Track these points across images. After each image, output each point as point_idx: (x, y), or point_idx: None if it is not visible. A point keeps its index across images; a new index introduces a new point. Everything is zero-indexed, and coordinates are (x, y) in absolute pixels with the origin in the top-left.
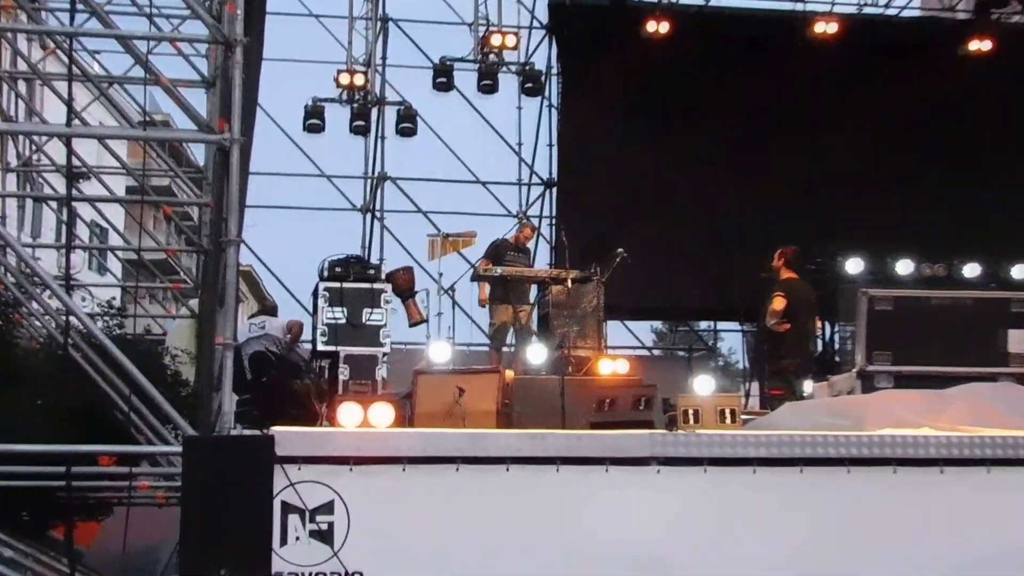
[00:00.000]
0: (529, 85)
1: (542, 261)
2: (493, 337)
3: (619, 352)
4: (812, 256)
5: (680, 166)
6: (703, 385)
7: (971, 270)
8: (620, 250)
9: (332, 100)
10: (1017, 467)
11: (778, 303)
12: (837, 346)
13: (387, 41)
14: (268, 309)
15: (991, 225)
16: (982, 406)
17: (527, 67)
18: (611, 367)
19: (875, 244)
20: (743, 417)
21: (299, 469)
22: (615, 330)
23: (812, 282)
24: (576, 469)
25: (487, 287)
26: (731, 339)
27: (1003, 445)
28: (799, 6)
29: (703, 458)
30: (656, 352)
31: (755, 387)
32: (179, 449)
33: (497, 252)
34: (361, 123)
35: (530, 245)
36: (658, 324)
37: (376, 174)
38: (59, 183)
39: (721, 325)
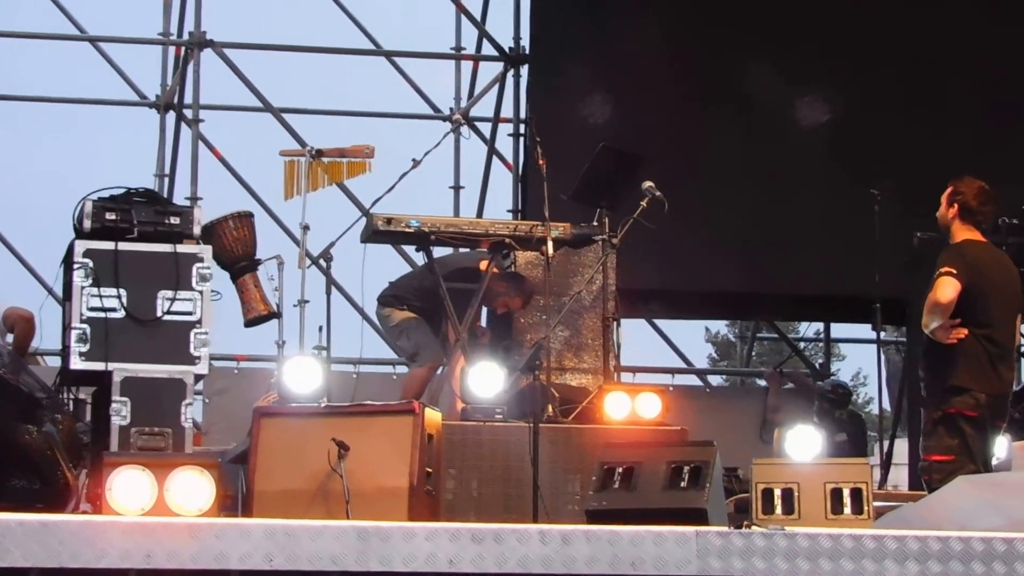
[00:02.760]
0: None
1: (498, 204)
2: (402, 348)
3: (645, 378)
4: (1016, 202)
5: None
6: (802, 442)
7: None
8: (649, 184)
9: None
10: None
11: (947, 288)
12: None
13: None
14: None
15: None
16: None
17: None
18: (628, 406)
19: None
20: (876, 505)
21: None
22: (639, 337)
23: (1015, 252)
24: None
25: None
26: (858, 356)
27: None
28: None
29: None
30: (716, 380)
31: (903, 447)
32: None
33: None
34: None
35: None
36: (721, 326)
37: (186, 37)
38: None
39: (840, 330)
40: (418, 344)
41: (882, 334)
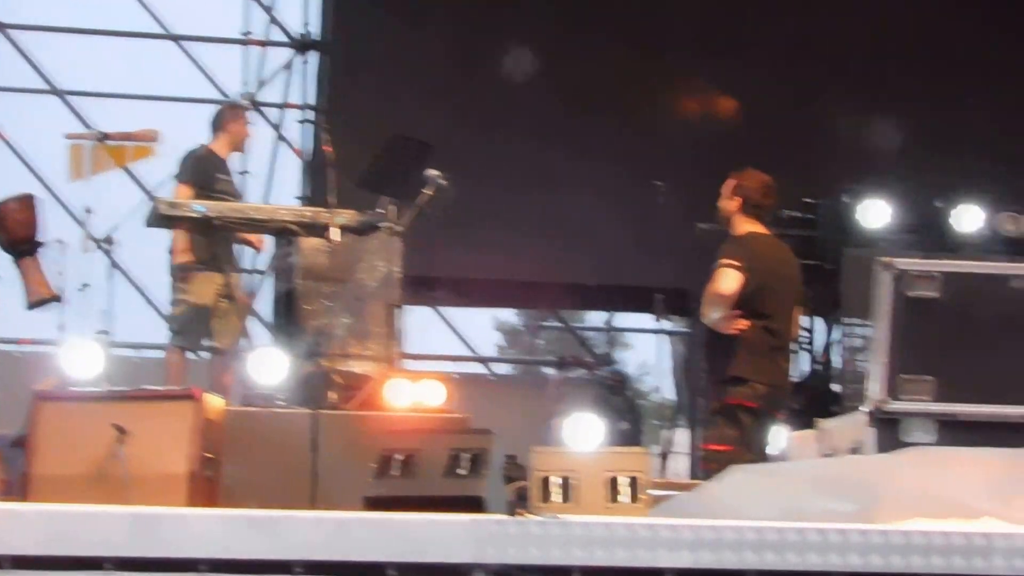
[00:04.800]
0: None
1: (285, 191)
2: (183, 331)
3: (428, 366)
4: (796, 195)
5: (551, 33)
6: (583, 431)
7: None
8: (435, 174)
9: None
10: None
11: (728, 280)
12: (838, 364)
13: None
14: None
15: None
16: None
17: None
18: (411, 394)
19: (911, 175)
20: (654, 493)
21: None
22: (427, 325)
23: (796, 244)
24: None
25: (184, 237)
26: (645, 345)
27: None
28: None
29: (574, 568)
30: (500, 368)
31: (684, 436)
32: None
33: (199, 171)
34: None
35: None
36: (509, 316)
37: None
38: None
39: (624, 320)
40: (182, 325)
41: (667, 324)
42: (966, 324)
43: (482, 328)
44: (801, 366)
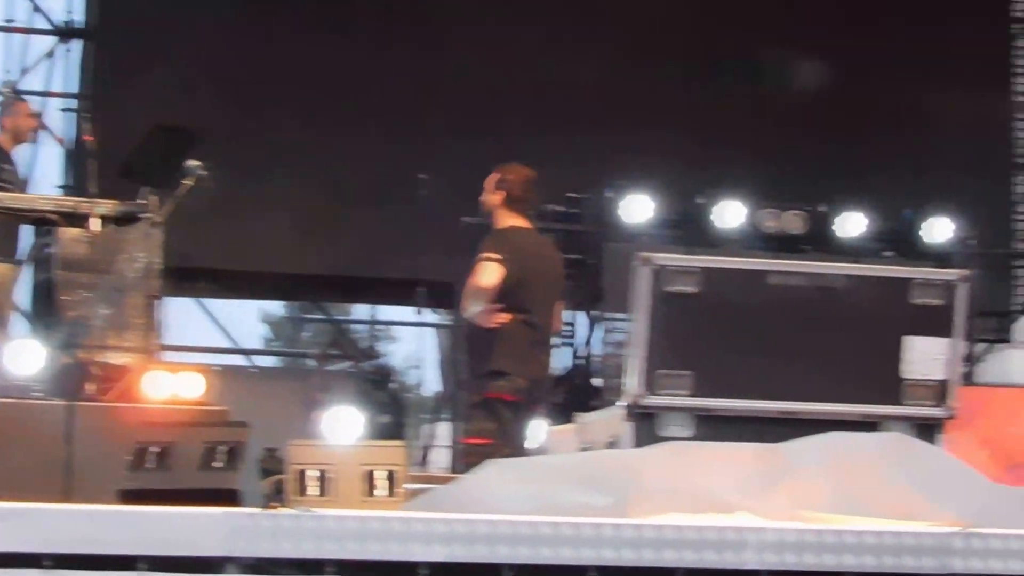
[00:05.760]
0: None
1: (47, 180)
2: None
3: (191, 358)
4: (561, 189)
5: (321, 22)
6: (343, 424)
7: (850, 223)
8: (196, 164)
9: None
10: None
11: (488, 273)
12: (598, 358)
13: None
14: None
15: (888, 147)
16: (853, 474)
17: None
18: (169, 385)
19: (673, 171)
20: (412, 487)
21: None
22: (189, 316)
23: (559, 238)
24: None
25: None
26: (412, 339)
27: (880, 548)
28: None
29: (327, 562)
30: (265, 361)
31: (446, 430)
32: None
33: None
34: None
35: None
36: (277, 308)
37: None
38: None
39: (390, 312)
40: None
41: (434, 317)
42: (724, 319)
43: (248, 320)
44: (563, 360)
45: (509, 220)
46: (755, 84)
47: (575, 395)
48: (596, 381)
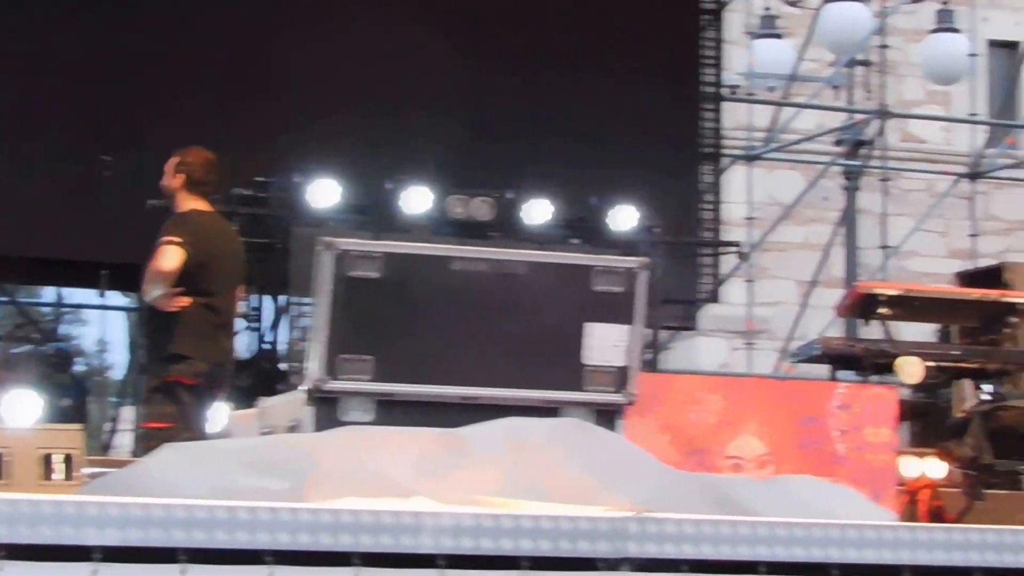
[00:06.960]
0: None
1: None
2: None
3: None
4: (248, 173)
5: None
6: (21, 407)
7: (537, 211)
8: None
9: None
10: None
11: (168, 257)
12: (285, 343)
13: None
14: None
15: (577, 135)
16: (530, 459)
17: None
18: None
19: (364, 157)
20: (91, 471)
21: None
22: None
23: (246, 222)
24: None
25: None
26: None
27: (556, 533)
28: None
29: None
30: None
31: (132, 413)
32: None
33: None
34: None
35: None
36: None
37: None
38: None
39: (77, 295)
40: None
41: (124, 301)
42: (406, 305)
43: None
44: (249, 345)
45: (190, 203)
46: (446, 71)
47: (261, 379)
48: (283, 366)
